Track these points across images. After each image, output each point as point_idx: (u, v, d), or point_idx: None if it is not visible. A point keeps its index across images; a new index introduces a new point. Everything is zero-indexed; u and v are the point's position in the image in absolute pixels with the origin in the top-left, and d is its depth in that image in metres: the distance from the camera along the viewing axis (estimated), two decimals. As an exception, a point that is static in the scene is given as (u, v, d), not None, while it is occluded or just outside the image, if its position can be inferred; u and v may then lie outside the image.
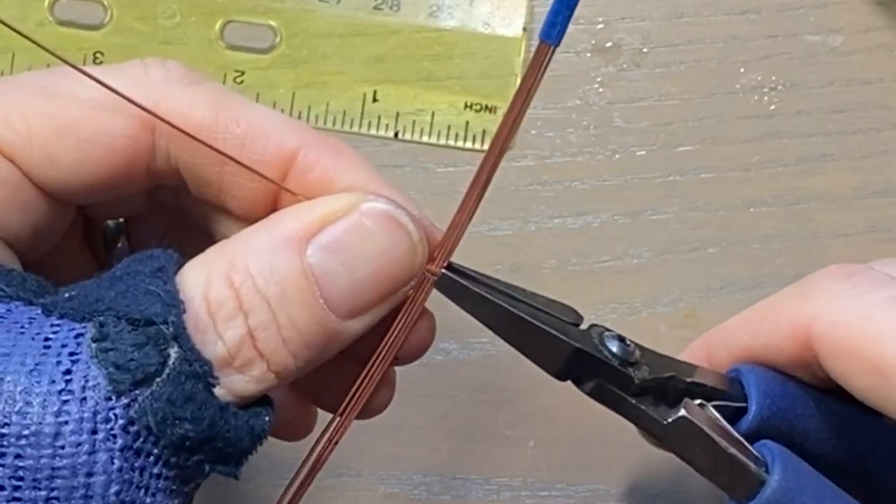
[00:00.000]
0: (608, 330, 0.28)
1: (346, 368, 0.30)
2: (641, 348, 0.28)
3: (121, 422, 0.25)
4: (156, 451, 0.25)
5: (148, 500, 0.25)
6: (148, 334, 0.25)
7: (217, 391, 0.26)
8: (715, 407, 0.28)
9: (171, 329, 0.25)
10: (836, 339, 0.27)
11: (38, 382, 0.24)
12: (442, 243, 0.29)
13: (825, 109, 0.45)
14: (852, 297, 0.27)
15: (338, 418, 0.30)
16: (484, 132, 0.45)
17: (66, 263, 0.32)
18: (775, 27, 0.45)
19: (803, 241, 0.44)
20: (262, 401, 0.27)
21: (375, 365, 0.29)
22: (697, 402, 0.27)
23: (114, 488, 0.24)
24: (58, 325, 0.26)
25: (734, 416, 0.28)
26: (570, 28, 0.25)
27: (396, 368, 0.44)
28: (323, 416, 0.33)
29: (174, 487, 0.26)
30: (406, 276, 0.28)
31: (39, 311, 0.26)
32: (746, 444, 0.27)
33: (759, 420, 0.28)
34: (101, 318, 0.26)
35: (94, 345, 0.25)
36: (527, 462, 0.43)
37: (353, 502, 0.43)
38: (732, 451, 0.26)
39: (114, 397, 0.25)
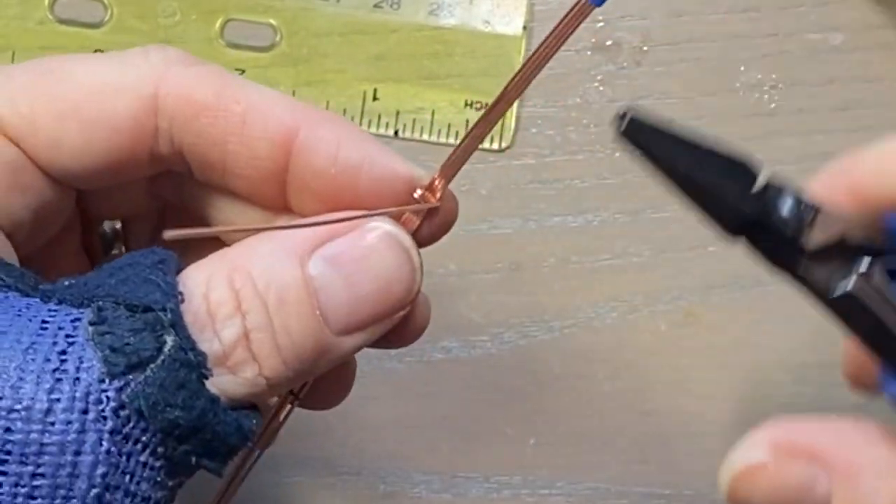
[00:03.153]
0: (784, 187, 0.26)
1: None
2: (814, 208, 0.26)
3: (112, 404, 0.25)
4: (144, 437, 0.25)
5: (132, 486, 0.25)
6: (146, 320, 0.25)
7: (209, 384, 0.26)
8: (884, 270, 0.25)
9: (168, 317, 0.25)
10: None
11: (32, 360, 0.24)
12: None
13: (826, 107, 0.45)
14: None
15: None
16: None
17: (64, 268, 0.32)
18: (776, 25, 0.45)
19: (804, 240, 0.44)
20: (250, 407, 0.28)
21: None
22: (866, 263, 0.25)
23: (100, 469, 0.24)
24: (55, 310, 0.26)
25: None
26: (571, 27, 0.25)
27: (397, 367, 0.44)
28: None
29: (159, 479, 0.26)
30: (404, 299, 0.29)
31: (38, 298, 0.26)
32: None
33: None
34: (100, 303, 0.26)
35: (90, 328, 0.25)
36: (527, 460, 0.43)
37: (352, 500, 0.43)
38: None
39: (107, 380, 0.25)
